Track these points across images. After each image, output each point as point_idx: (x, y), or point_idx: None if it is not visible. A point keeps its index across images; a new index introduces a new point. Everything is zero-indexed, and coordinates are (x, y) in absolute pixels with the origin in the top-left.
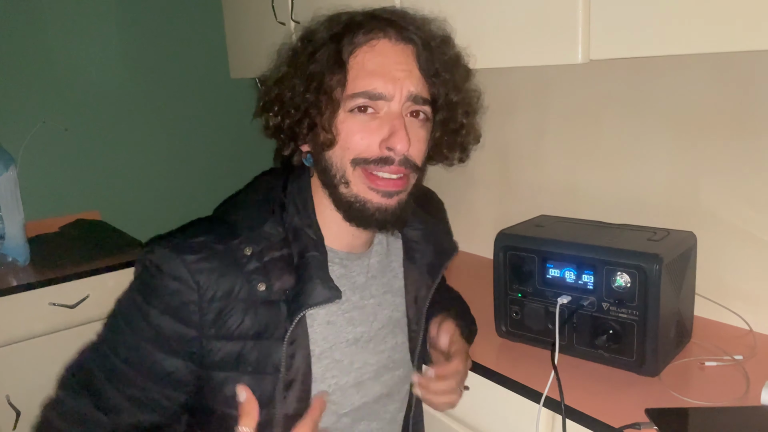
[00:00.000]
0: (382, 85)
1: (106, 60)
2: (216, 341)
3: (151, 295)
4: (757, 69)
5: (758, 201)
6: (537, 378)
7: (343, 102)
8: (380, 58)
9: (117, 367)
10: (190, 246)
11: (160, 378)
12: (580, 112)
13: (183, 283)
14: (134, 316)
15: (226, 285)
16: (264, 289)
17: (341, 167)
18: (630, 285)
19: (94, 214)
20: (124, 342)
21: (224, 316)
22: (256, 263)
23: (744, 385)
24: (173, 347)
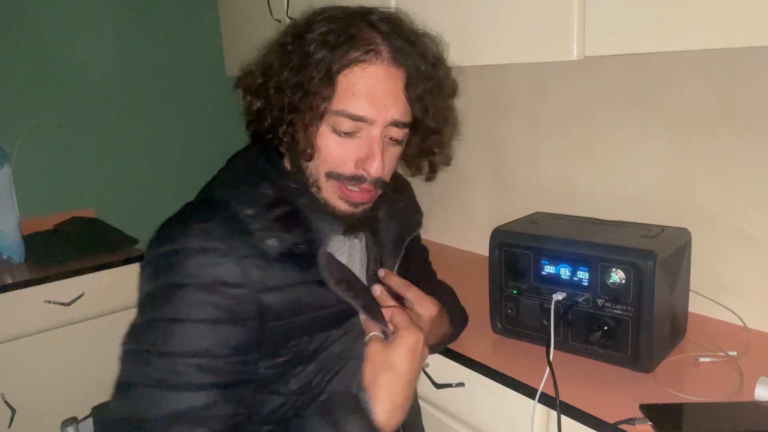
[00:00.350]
0: (366, 109)
1: (101, 56)
2: (265, 293)
3: (181, 278)
4: (752, 66)
5: (752, 198)
6: (532, 374)
7: (327, 115)
8: (370, 81)
9: (186, 368)
10: (197, 218)
11: (234, 349)
12: (575, 109)
13: (211, 250)
14: (177, 307)
15: (247, 242)
16: (276, 243)
17: (315, 174)
18: (625, 281)
19: (90, 212)
20: (181, 339)
21: (263, 270)
22: (261, 222)
23: (738, 380)
24: (231, 315)
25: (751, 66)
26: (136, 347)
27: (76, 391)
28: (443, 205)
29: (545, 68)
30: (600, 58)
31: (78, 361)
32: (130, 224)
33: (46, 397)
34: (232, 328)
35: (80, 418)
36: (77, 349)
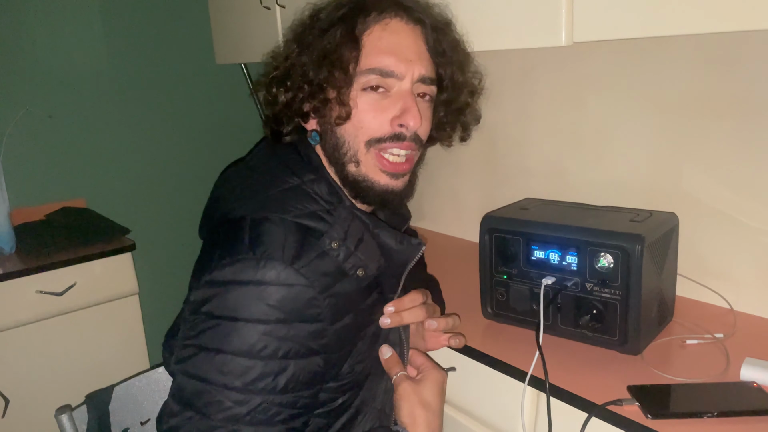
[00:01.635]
0: (395, 64)
1: (89, 45)
2: (336, 324)
3: (264, 313)
4: (741, 51)
5: (738, 183)
6: (522, 358)
7: (356, 78)
8: (393, 36)
9: (264, 405)
10: (290, 251)
11: (306, 384)
12: (564, 95)
13: (298, 286)
14: (253, 342)
15: (330, 280)
16: (363, 274)
17: (354, 146)
18: (613, 265)
19: (80, 202)
20: (259, 375)
21: (340, 303)
22: (346, 252)
23: (724, 362)
24: (307, 350)
25: (740, 52)
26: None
27: (70, 379)
28: (434, 193)
29: (534, 54)
30: (589, 44)
31: (71, 350)
32: (121, 214)
33: (40, 386)
34: (306, 362)
35: (74, 406)
36: (70, 338)
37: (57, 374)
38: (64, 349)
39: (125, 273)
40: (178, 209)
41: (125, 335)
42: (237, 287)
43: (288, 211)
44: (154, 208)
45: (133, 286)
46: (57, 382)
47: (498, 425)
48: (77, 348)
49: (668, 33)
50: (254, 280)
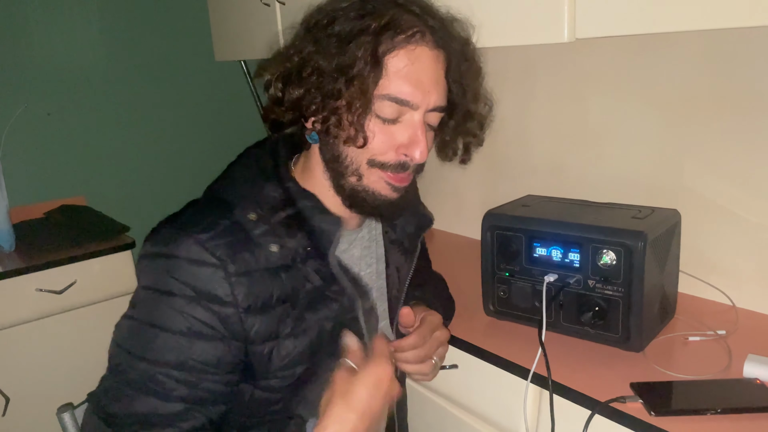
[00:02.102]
0: (412, 94)
1: (88, 42)
2: (251, 316)
3: (172, 286)
4: (743, 48)
5: (741, 179)
6: (525, 355)
7: (374, 102)
8: (417, 65)
9: (159, 376)
10: (197, 225)
11: (210, 366)
12: (566, 91)
13: (204, 263)
14: (159, 315)
15: (245, 256)
16: (277, 249)
17: (356, 162)
18: (615, 262)
19: (79, 200)
20: (159, 348)
21: (253, 289)
22: (264, 226)
23: (726, 358)
24: (214, 332)
25: (743, 48)
26: (122, 344)
27: (71, 378)
28: (435, 190)
29: (536, 51)
30: (591, 40)
31: (71, 348)
32: (121, 211)
33: (40, 385)
34: (213, 344)
35: (76, 404)
36: (70, 336)
37: (57, 372)
38: (64, 348)
39: (125, 271)
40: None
41: None
42: (153, 259)
43: (226, 191)
44: (154, 205)
45: (133, 284)
46: (57, 380)
47: (501, 423)
48: (78, 346)
49: (670, 29)
50: (165, 253)
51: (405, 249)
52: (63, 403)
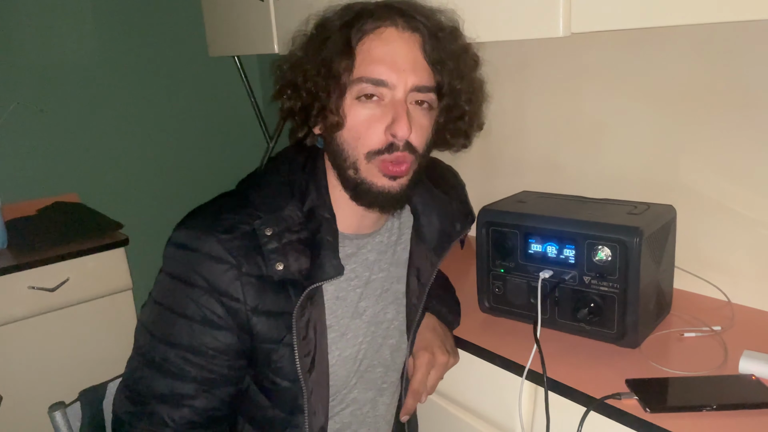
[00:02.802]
0: (386, 72)
1: (81, 38)
2: (255, 316)
3: (191, 277)
4: (739, 42)
5: (736, 175)
6: (520, 352)
7: (349, 87)
8: (386, 46)
9: (176, 358)
10: (222, 225)
11: (220, 352)
12: (561, 86)
13: (222, 261)
14: (179, 302)
15: (253, 263)
16: (282, 268)
17: (353, 155)
18: (611, 258)
19: (73, 197)
20: (176, 332)
21: (261, 292)
22: (276, 243)
23: (722, 354)
24: (225, 323)
25: (739, 42)
26: (146, 325)
27: (63, 376)
28: None
29: (531, 45)
30: (586, 35)
31: (64, 346)
32: (114, 208)
33: (33, 382)
34: (223, 333)
35: (68, 403)
36: (63, 334)
37: (50, 371)
38: (57, 346)
39: (119, 268)
40: (172, 203)
41: (119, 331)
42: (179, 249)
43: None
44: (148, 202)
45: (127, 282)
46: (50, 378)
47: (496, 419)
48: (70, 344)
49: (666, 23)
50: (191, 247)
51: (428, 256)
52: (55, 402)
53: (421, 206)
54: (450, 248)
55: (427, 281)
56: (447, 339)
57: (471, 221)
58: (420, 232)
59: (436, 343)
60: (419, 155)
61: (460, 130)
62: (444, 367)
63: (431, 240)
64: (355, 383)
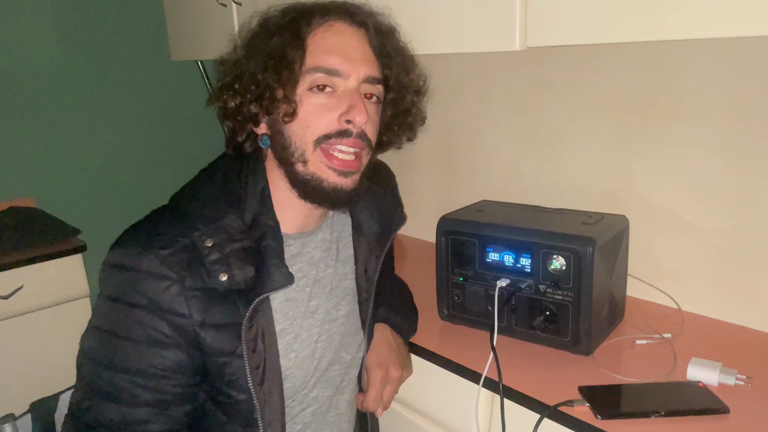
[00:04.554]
0: (339, 63)
1: (39, 39)
2: (203, 330)
3: (132, 297)
4: (683, 58)
5: (686, 185)
6: (477, 359)
7: (302, 77)
8: (338, 36)
9: (124, 384)
10: (159, 240)
11: (170, 371)
12: (520, 98)
13: (163, 277)
14: (121, 325)
15: (196, 276)
16: (226, 279)
17: (301, 146)
18: (565, 267)
19: (29, 201)
20: (121, 356)
21: (207, 305)
22: (218, 254)
23: (671, 361)
24: (173, 341)
25: (683, 58)
26: (88, 353)
27: (14, 387)
28: None
29: (491, 57)
30: (543, 49)
31: (16, 355)
32: (72, 214)
33: None
34: (172, 352)
35: (18, 415)
36: (16, 343)
37: (1, 381)
38: (9, 355)
39: (75, 275)
40: (131, 209)
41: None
42: (116, 270)
43: (189, 212)
44: (107, 207)
45: (84, 289)
46: (1, 389)
47: (453, 426)
48: (23, 353)
49: (617, 40)
50: (129, 266)
51: (371, 249)
52: (5, 414)
53: (364, 201)
54: (391, 241)
55: (373, 275)
56: (400, 352)
57: (403, 213)
58: (359, 227)
59: (391, 359)
60: (371, 146)
61: (406, 124)
62: (397, 381)
63: (372, 233)
64: (314, 383)
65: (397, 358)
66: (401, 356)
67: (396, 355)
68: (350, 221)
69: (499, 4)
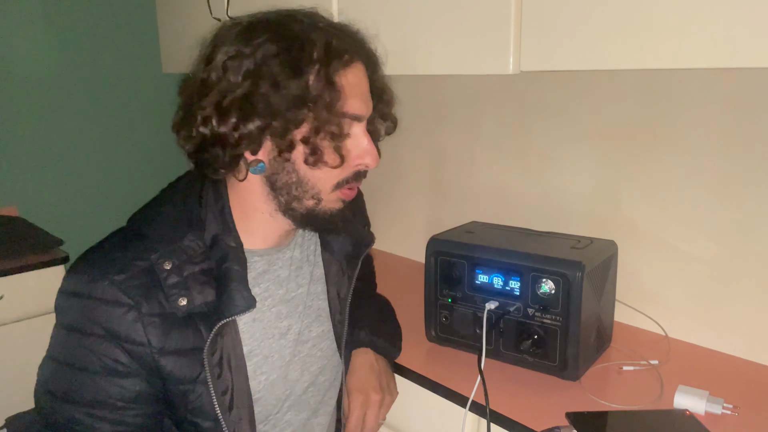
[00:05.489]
0: (362, 107)
1: (30, 48)
2: (163, 357)
3: (87, 326)
4: (676, 86)
5: (675, 211)
6: (464, 382)
7: (329, 123)
8: (361, 81)
9: (82, 416)
10: (114, 265)
11: (130, 402)
12: (511, 121)
13: (119, 304)
14: (77, 355)
15: (154, 301)
16: (185, 303)
17: (319, 186)
18: (554, 291)
19: (11, 210)
20: (77, 388)
21: (166, 331)
22: (176, 277)
23: (658, 388)
24: (131, 370)
25: (673, 87)
26: (44, 384)
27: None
28: (383, 212)
29: (484, 80)
30: (535, 73)
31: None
32: (55, 224)
33: None
34: (130, 381)
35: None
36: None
37: None
38: None
39: (57, 286)
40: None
41: None
42: (70, 298)
43: (147, 234)
44: (90, 219)
45: None
46: None
47: None
48: (2, 366)
49: (609, 67)
50: (82, 293)
51: (343, 270)
52: None
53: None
54: (361, 260)
55: (345, 296)
56: (383, 375)
57: (371, 232)
58: (329, 247)
59: (371, 383)
60: None
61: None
62: (378, 405)
63: (342, 253)
64: (288, 406)
65: (379, 381)
66: (384, 379)
67: (378, 378)
68: (318, 240)
69: (494, 28)
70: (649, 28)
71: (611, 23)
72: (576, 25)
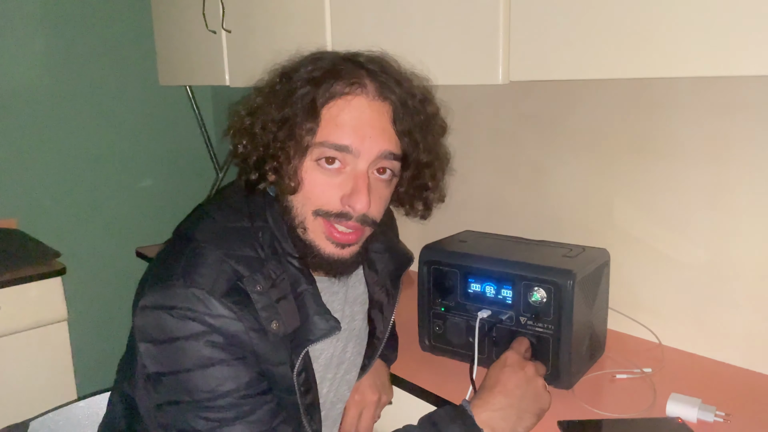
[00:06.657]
0: (350, 138)
1: (27, 61)
2: (263, 365)
3: (192, 328)
4: (664, 96)
5: (667, 220)
6: (457, 391)
7: (310, 150)
8: (354, 112)
9: (231, 401)
10: (220, 286)
11: (258, 382)
12: (503, 130)
13: (228, 318)
14: (190, 356)
15: (251, 317)
16: (276, 327)
17: (302, 214)
18: (546, 300)
19: (10, 222)
20: (205, 388)
21: (262, 342)
22: (267, 300)
23: (651, 396)
24: (242, 353)
25: (664, 96)
26: (171, 399)
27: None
28: None
29: (474, 90)
30: (526, 83)
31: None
32: (53, 236)
33: None
34: (249, 365)
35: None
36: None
37: None
38: None
39: (54, 298)
40: (113, 233)
41: (51, 364)
42: (169, 312)
43: (230, 253)
44: (88, 231)
45: (62, 312)
46: None
47: None
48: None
49: (599, 76)
50: (184, 307)
51: (387, 290)
52: None
53: (378, 241)
54: (401, 277)
55: (390, 314)
56: (380, 376)
57: (410, 251)
58: (374, 267)
59: (367, 383)
60: (375, 224)
61: (422, 201)
62: (374, 405)
63: (386, 273)
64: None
65: (375, 382)
66: (380, 380)
67: (374, 379)
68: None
69: (483, 38)
70: (638, 37)
71: (600, 33)
72: (565, 34)
